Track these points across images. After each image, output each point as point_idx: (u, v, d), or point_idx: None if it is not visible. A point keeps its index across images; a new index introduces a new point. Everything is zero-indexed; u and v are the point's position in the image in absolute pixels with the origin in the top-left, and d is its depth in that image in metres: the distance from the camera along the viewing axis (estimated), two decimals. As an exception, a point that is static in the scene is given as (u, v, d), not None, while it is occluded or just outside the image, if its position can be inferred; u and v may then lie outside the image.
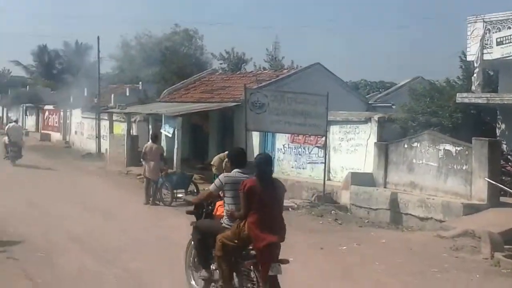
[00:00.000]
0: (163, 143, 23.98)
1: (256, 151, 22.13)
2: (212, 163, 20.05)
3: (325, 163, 18.37)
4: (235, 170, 7.93)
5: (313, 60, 28.42)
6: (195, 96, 28.47)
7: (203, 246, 8.04)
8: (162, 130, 24.69)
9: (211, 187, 7.97)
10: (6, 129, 29.03)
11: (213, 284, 8.03)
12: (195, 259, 8.35)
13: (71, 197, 17.71)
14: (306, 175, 20.07)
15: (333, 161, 19.14)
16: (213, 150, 24.53)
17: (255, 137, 22.05)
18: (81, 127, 39.08)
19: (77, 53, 68.51)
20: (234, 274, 7.58)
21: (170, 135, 24.00)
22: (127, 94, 37.76)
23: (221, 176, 7.98)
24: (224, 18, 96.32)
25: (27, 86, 62.00)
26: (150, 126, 27.90)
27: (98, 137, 33.92)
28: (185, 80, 31.78)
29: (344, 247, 12.15)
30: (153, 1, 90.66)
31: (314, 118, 18.26)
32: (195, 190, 18.50)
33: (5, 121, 52.41)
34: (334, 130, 19.14)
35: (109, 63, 62.76)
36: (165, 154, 19.69)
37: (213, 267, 7.99)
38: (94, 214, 14.88)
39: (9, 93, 62.69)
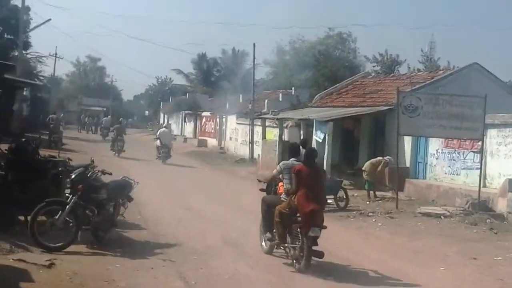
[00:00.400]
0: (314, 148, 24.12)
1: (408, 157, 21.74)
2: (363, 168, 19.91)
3: (480, 168, 17.61)
4: (291, 159, 10.88)
5: (471, 60, 27.20)
6: (346, 101, 28.39)
7: (268, 215, 10.65)
8: (314, 136, 24.89)
9: (274, 172, 11.01)
10: (158, 133, 31.97)
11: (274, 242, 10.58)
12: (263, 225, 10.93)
13: (224, 200, 18.37)
14: (460, 181, 19.34)
15: (490, 167, 18.27)
16: (364, 156, 24.34)
17: (407, 142, 21.61)
18: (235, 133, 40.29)
19: (234, 60, 70.85)
20: (288, 234, 10.19)
21: (320, 140, 24.12)
22: (280, 99, 38.50)
23: (280, 164, 10.98)
24: (378, 20, 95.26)
25: (187, 94, 64.88)
26: (301, 132, 28.24)
27: (251, 142, 34.82)
28: (337, 85, 31.76)
29: (500, 258, 11.60)
30: (307, 7, 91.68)
31: (470, 121, 17.64)
32: (344, 196, 17.76)
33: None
34: (491, 134, 18.28)
35: (264, 69, 64.39)
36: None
37: (275, 230, 10.47)
38: (247, 217, 15.19)
39: (170, 101, 66.19)
